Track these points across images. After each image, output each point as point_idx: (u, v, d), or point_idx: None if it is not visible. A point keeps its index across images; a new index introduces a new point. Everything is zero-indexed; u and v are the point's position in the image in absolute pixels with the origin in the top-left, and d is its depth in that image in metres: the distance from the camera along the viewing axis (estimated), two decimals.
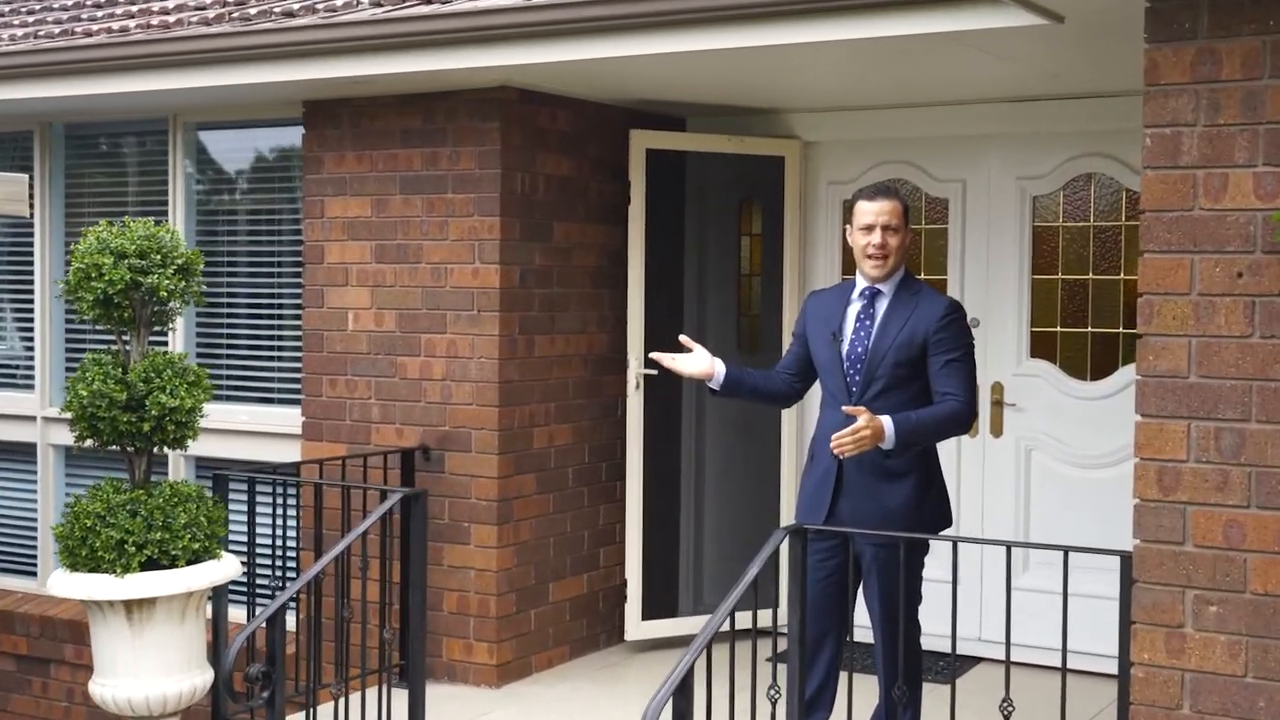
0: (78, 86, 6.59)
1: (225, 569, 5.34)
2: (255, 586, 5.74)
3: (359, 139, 6.52)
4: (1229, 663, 3.86)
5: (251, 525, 5.72)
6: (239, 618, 6.16)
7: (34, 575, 7.84)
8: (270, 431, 6.98)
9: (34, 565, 7.88)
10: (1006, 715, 4.09)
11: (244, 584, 5.79)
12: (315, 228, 6.66)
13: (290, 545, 6.08)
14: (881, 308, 4.70)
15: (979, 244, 6.63)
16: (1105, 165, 6.38)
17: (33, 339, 7.80)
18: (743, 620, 4.42)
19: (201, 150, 7.36)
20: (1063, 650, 4.11)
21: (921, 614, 4.81)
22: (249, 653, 5.09)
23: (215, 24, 6.39)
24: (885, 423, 4.45)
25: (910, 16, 4.70)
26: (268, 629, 4.91)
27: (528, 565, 6.41)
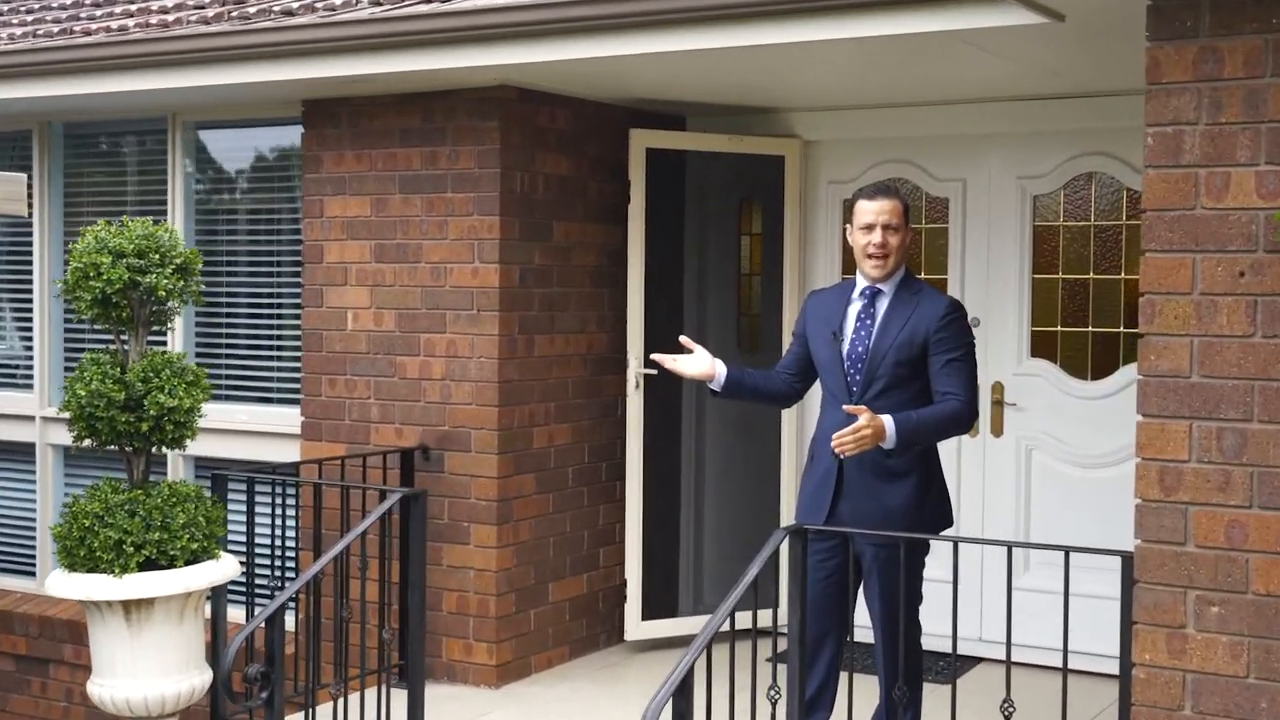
0: (76, 85, 6.58)
1: (224, 569, 5.33)
2: (254, 586, 5.73)
3: (358, 138, 6.51)
4: (1231, 664, 3.85)
5: (250, 525, 5.71)
6: (238, 618, 6.15)
7: (33, 575, 7.83)
8: (269, 431, 6.97)
9: (33, 565, 7.87)
10: (1007, 716, 4.07)
11: (243, 584, 5.77)
12: (314, 227, 6.65)
13: (289, 545, 6.06)
14: (882, 307, 4.69)
15: (979, 243, 6.62)
16: (1106, 164, 6.37)
17: (32, 338, 7.79)
18: (743, 620, 4.41)
19: (201, 149, 7.34)
20: (1064, 651, 4.10)
21: (922, 614, 4.80)
22: (248, 653, 5.09)
23: (214, 23, 6.38)
24: (886, 422, 4.45)
25: (911, 15, 4.69)
26: (266, 629, 4.90)
27: (527, 565, 6.40)
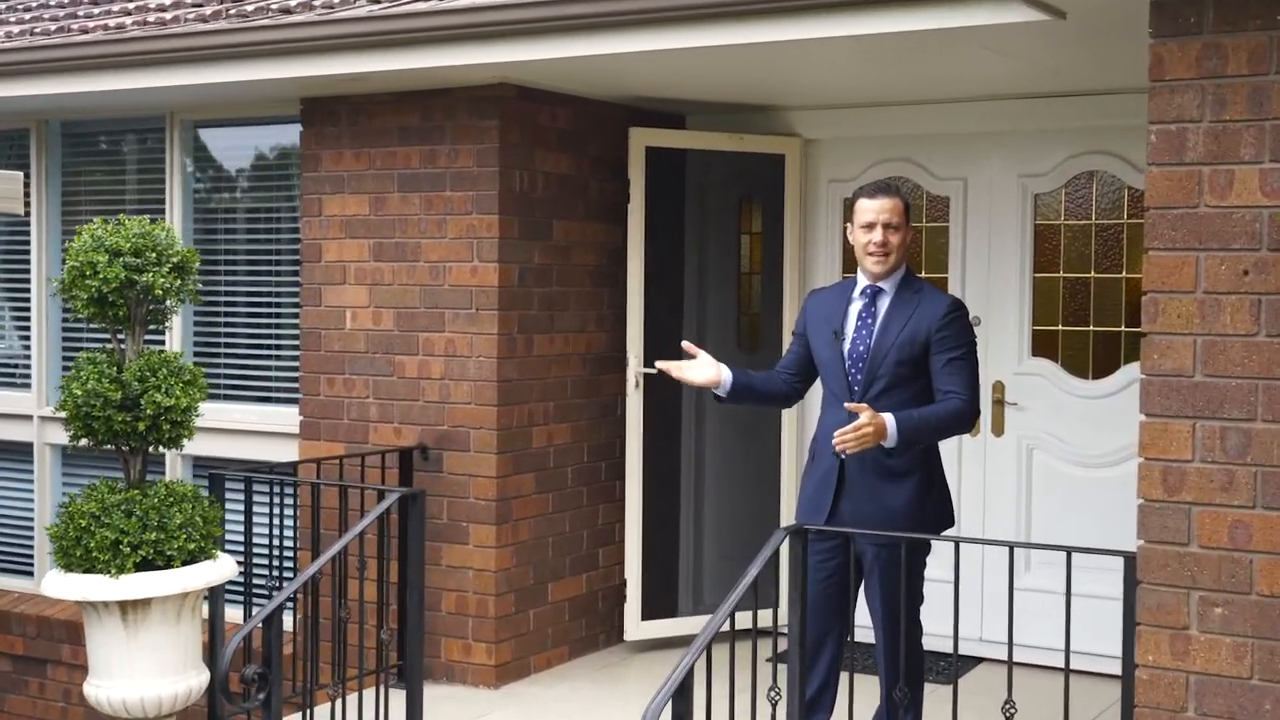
0: (74, 84, 6.55)
1: (221, 569, 5.31)
2: (252, 587, 5.71)
3: (357, 136, 6.48)
4: (1234, 665, 3.83)
5: (248, 525, 5.69)
6: (236, 618, 6.13)
7: (30, 575, 7.81)
8: (268, 431, 6.95)
9: (30, 565, 7.85)
10: (1009, 717, 4.05)
11: (241, 584, 5.75)
12: (313, 226, 6.63)
13: (287, 545, 6.04)
14: (883, 306, 4.67)
15: (980, 242, 6.60)
16: (1107, 163, 6.35)
17: (29, 338, 7.77)
18: (743, 620, 4.38)
19: (199, 148, 7.32)
20: (1065, 651, 4.08)
21: (923, 614, 4.78)
22: (245, 653, 5.07)
23: (212, 21, 6.36)
24: (887, 420, 4.42)
25: (913, 12, 4.67)
26: (264, 629, 4.88)
27: (526, 565, 6.37)
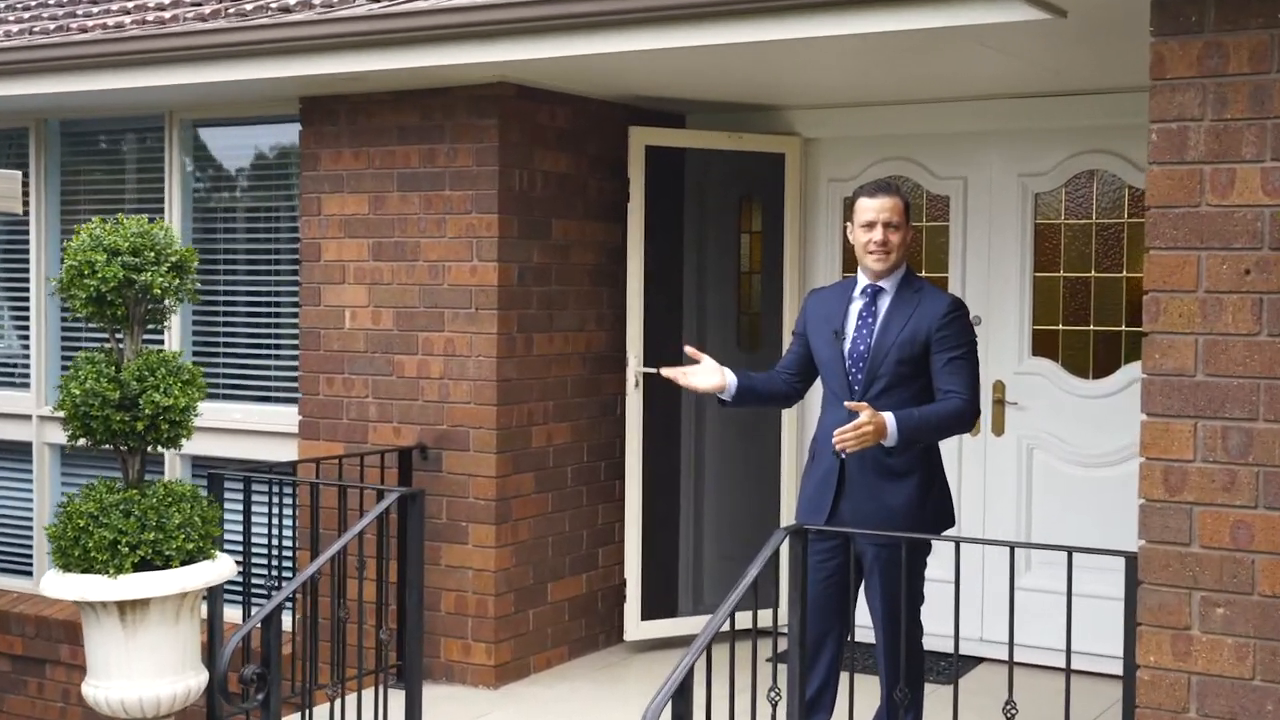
0: (73, 83, 6.54)
1: (219, 569, 5.29)
2: (251, 587, 5.70)
3: (356, 136, 6.47)
4: (1236, 665, 3.81)
5: (247, 525, 5.68)
6: (235, 618, 6.11)
7: (29, 575, 7.79)
8: (267, 430, 6.94)
9: (29, 565, 7.84)
10: (1010, 718, 4.04)
11: (240, 584, 5.74)
12: (312, 225, 6.61)
13: (286, 545, 6.03)
14: (884, 305, 4.66)
15: (980, 241, 6.59)
16: (1108, 162, 6.34)
17: (29, 337, 7.76)
18: (743, 620, 4.37)
19: (198, 147, 7.31)
20: (1067, 651, 4.06)
21: (923, 614, 4.77)
22: (244, 654, 5.06)
23: (211, 20, 6.35)
24: (887, 419, 4.41)
25: (913, 11, 4.65)
26: (263, 630, 4.87)
27: (526, 565, 6.36)
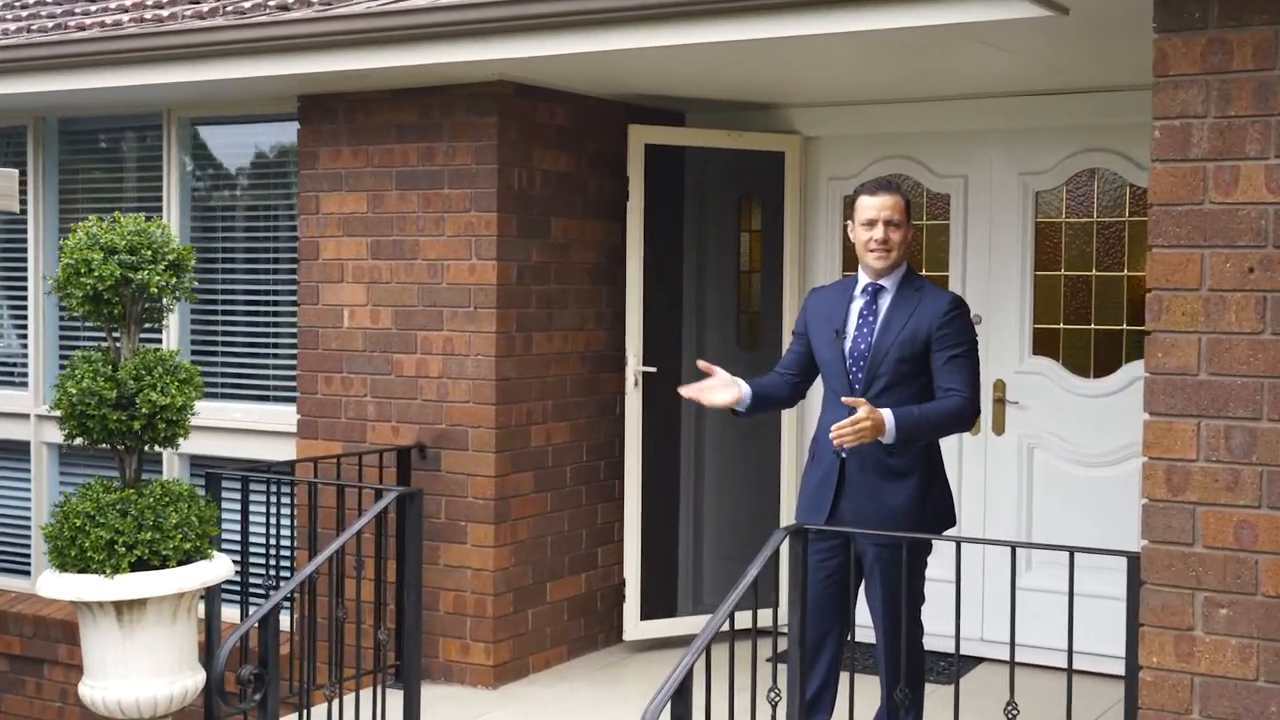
0: (71, 81, 6.52)
1: (217, 569, 5.27)
2: (249, 586, 5.68)
3: (354, 134, 6.45)
4: (1240, 666, 3.79)
5: (245, 524, 5.66)
6: (233, 618, 6.10)
7: (27, 575, 7.77)
8: (265, 429, 6.92)
9: (27, 564, 7.82)
10: (1011, 718, 4.02)
11: (237, 584, 5.72)
12: (310, 223, 6.59)
13: (284, 545, 6.01)
14: (884, 304, 4.64)
15: (981, 240, 6.57)
16: (1108, 160, 6.32)
17: (26, 336, 7.74)
18: (742, 620, 4.35)
19: (196, 145, 7.29)
20: (1068, 652, 4.04)
21: (924, 614, 4.75)
22: (242, 654, 5.04)
23: (209, 18, 6.33)
24: (886, 416, 4.40)
25: (915, 8, 4.63)
26: (260, 630, 4.86)
27: (525, 565, 6.34)
